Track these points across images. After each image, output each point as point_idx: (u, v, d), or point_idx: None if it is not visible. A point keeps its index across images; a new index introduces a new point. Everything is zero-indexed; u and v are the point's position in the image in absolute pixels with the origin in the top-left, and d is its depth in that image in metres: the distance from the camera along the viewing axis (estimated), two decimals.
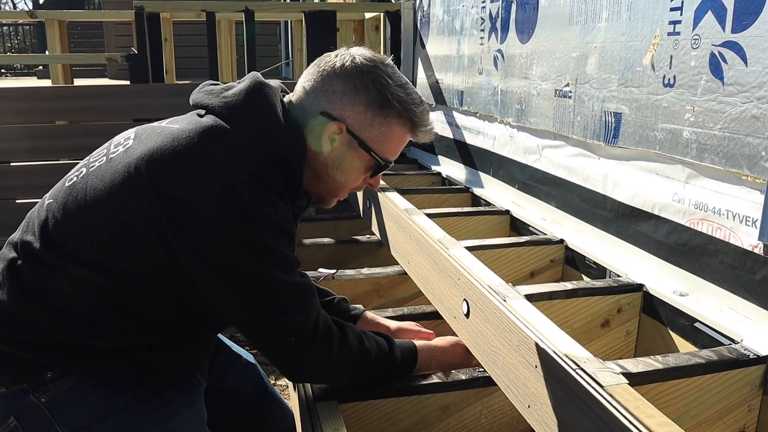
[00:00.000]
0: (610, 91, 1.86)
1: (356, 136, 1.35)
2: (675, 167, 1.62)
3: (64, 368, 1.25)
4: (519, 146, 2.48)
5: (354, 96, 1.33)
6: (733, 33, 1.41)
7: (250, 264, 1.21)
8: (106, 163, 1.27)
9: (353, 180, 1.41)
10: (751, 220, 1.40)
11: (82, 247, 1.23)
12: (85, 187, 1.25)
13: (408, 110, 1.36)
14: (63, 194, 1.28)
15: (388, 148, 1.39)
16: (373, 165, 1.40)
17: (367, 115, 1.34)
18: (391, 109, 1.34)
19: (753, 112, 1.36)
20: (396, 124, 1.36)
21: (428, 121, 1.41)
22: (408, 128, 1.38)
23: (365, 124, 1.34)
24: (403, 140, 1.41)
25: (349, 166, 1.38)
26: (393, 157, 1.43)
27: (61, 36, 4.41)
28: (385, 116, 1.34)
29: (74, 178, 1.30)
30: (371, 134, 1.35)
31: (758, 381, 1.31)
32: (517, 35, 2.43)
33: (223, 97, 1.30)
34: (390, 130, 1.36)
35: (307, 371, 1.35)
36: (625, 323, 1.68)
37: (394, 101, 1.34)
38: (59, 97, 3.47)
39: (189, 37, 8.26)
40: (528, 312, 1.30)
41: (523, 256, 2.03)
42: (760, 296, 1.39)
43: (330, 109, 1.33)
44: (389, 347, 1.44)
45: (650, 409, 0.96)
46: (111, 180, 1.23)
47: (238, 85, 1.33)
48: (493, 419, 1.66)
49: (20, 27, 15.57)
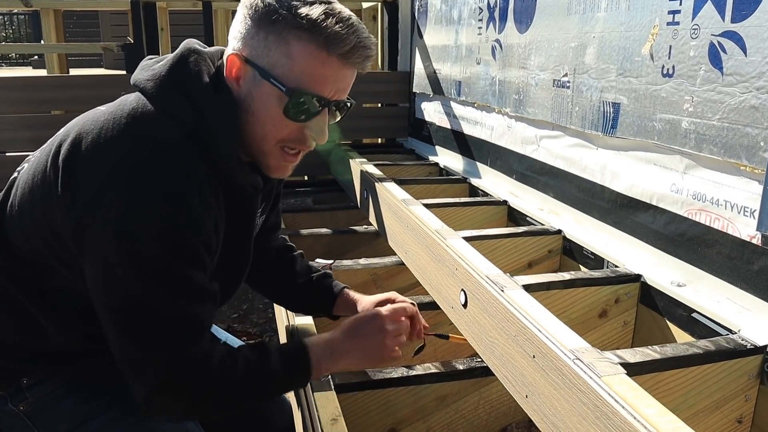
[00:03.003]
0: (608, 81, 1.85)
1: (255, 65, 1.12)
2: (673, 158, 1.62)
3: (39, 374, 1.21)
4: (517, 136, 2.47)
5: (245, 20, 1.13)
6: (733, 23, 1.40)
7: (125, 271, 1.04)
8: (38, 154, 1.20)
9: (271, 124, 1.14)
10: (749, 211, 1.40)
11: (19, 245, 1.16)
12: (19, 182, 1.19)
13: (306, 16, 1.08)
14: (5, 192, 1.22)
15: (298, 74, 1.10)
16: (285, 99, 1.11)
17: (259, 36, 1.11)
18: (281, 21, 1.09)
19: (752, 102, 1.36)
20: (295, 39, 1.08)
21: (347, 31, 1.10)
22: (315, 43, 1.08)
23: (262, 47, 1.11)
24: (317, 59, 1.10)
25: (260, 106, 1.13)
26: (313, 88, 1.12)
27: (57, 25, 4.37)
28: (279, 32, 1.09)
29: (16, 173, 1.23)
30: (271, 59, 1.10)
31: (755, 371, 1.32)
32: (515, 25, 2.42)
33: (151, 70, 1.16)
34: (289, 49, 1.09)
35: (159, 411, 1.14)
36: (622, 313, 1.68)
37: (282, 9, 1.09)
38: (55, 87, 3.44)
39: (185, 26, 8.21)
40: (526, 302, 1.29)
41: (521, 246, 2.03)
42: (758, 287, 1.39)
43: (233, 45, 1.15)
44: (260, 360, 1.20)
45: (648, 399, 0.97)
46: (34, 170, 1.15)
47: (169, 55, 1.19)
48: (490, 409, 1.66)
49: (15, 16, 15.48)
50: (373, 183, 2.37)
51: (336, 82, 1.14)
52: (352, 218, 2.91)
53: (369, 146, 4.06)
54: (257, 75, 1.12)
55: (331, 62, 1.10)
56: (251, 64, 1.12)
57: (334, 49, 1.09)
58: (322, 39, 1.08)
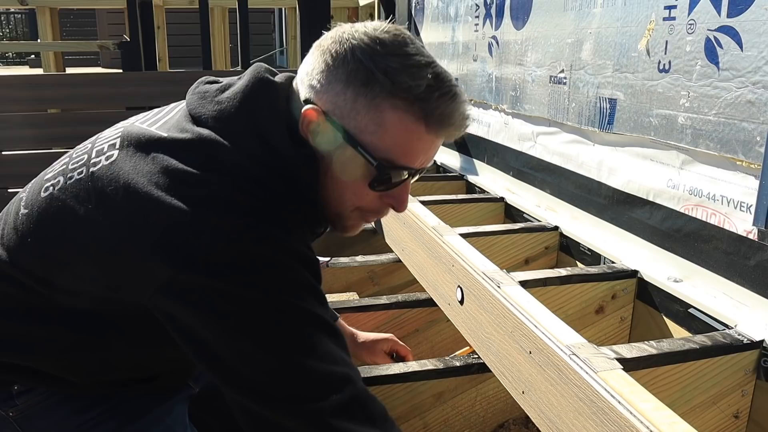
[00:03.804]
0: (605, 77, 1.85)
1: (339, 126, 0.98)
2: (670, 153, 1.62)
3: (30, 383, 1.14)
4: (514, 133, 2.47)
5: (327, 70, 0.98)
6: (729, 17, 1.40)
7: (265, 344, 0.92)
8: (86, 178, 1.03)
9: (351, 192, 1.03)
10: (745, 206, 1.40)
11: (50, 269, 1.04)
12: (60, 204, 1.03)
13: (407, 88, 0.94)
14: (38, 205, 1.06)
15: (389, 145, 0.97)
16: (373, 171, 0.99)
17: (346, 96, 0.97)
18: (377, 85, 0.95)
19: (748, 97, 1.36)
20: (390, 108, 0.95)
21: (451, 107, 0.97)
22: (414, 115, 0.96)
23: (348, 109, 0.97)
24: (413, 133, 0.97)
25: (340, 171, 1.01)
26: (403, 160, 0.99)
27: (53, 23, 4.37)
28: (372, 96, 0.95)
29: (50, 188, 1.07)
30: (358, 123, 0.97)
31: (752, 366, 1.32)
32: (511, 21, 2.42)
33: (217, 102, 1.02)
34: (382, 118, 0.96)
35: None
36: (619, 309, 1.68)
37: (379, 73, 0.94)
38: (52, 85, 3.44)
39: (182, 25, 8.21)
40: (522, 298, 1.29)
41: (518, 243, 2.03)
42: (755, 282, 1.39)
43: (310, 93, 1.01)
44: None
45: (644, 394, 0.97)
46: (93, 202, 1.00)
47: (235, 84, 1.05)
48: (487, 405, 1.66)
49: (11, 15, 15.44)
50: None
51: (427, 153, 1.03)
52: None
53: None
54: (339, 137, 0.98)
55: (428, 137, 0.99)
56: (334, 123, 0.98)
57: (435, 127, 0.98)
58: (422, 114, 0.96)
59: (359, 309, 1.79)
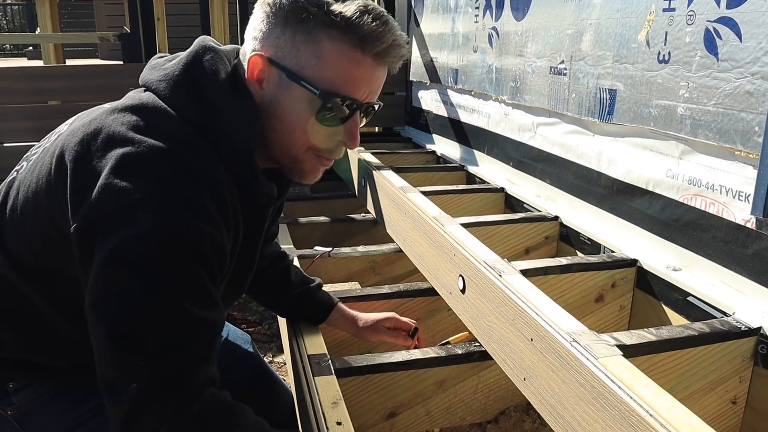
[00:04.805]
0: (605, 68, 1.86)
1: (282, 66, 1.04)
2: (669, 143, 1.63)
3: (25, 379, 1.17)
4: (514, 124, 2.48)
5: (266, 19, 1.05)
6: (728, 8, 1.41)
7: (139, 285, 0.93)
8: (41, 153, 1.10)
9: (301, 129, 1.07)
10: (743, 195, 1.42)
11: (21, 252, 1.08)
12: (20, 185, 1.09)
13: (340, 15, 1.01)
14: (4, 194, 1.12)
15: (330, 75, 1.03)
16: (317, 103, 1.04)
17: (285, 36, 1.03)
18: (311, 19, 1.01)
19: (747, 88, 1.37)
20: (327, 38, 1.02)
21: (383, 29, 1.03)
22: (349, 42, 1.02)
23: (288, 47, 1.03)
24: (351, 61, 1.03)
25: (288, 111, 1.06)
26: (346, 89, 1.04)
27: (52, 15, 4.36)
28: (308, 31, 1.02)
29: (14, 173, 1.14)
30: (299, 60, 1.03)
31: (749, 353, 1.34)
32: (512, 12, 2.42)
33: (163, 70, 1.08)
34: (320, 49, 1.02)
35: None
36: (619, 298, 1.70)
37: (312, 6, 1.01)
38: (52, 77, 3.44)
39: (182, 16, 8.18)
40: (523, 286, 1.31)
41: (518, 232, 2.05)
42: (752, 270, 1.41)
43: (254, 44, 1.07)
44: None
45: (644, 380, 0.98)
46: (37, 172, 1.06)
47: (181, 54, 1.10)
48: (489, 392, 1.68)
49: (9, 6, 15.39)
50: (371, 171, 2.38)
51: (369, 83, 1.07)
52: (350, 206, 2.92)
53: (366, 135, 4.06)
54: (284, 77, 1.04)
55: (366, 62, 1.04)
56: (277, 65, 1.04)
57: (369, 49, 1.03)
58: (356, 38, 1.01)
59: (361, 298, 1.80)
